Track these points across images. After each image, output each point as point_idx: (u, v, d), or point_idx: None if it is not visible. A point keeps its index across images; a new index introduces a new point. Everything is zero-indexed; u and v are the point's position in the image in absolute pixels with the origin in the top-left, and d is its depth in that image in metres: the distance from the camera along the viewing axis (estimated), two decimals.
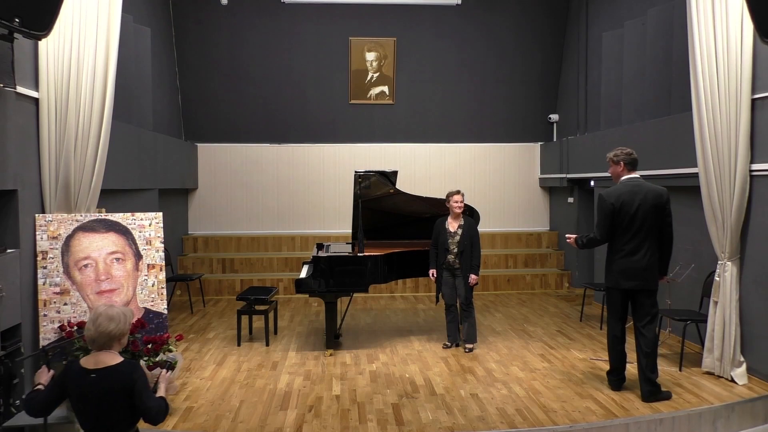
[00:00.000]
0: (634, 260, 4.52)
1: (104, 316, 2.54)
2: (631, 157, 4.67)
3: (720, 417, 4.39)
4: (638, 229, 4.50)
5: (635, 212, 4.48)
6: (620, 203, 4.50)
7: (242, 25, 9.34)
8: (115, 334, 2.55)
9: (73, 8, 4.59)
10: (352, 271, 5.75)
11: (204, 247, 9.64)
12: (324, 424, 4.19)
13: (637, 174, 4.67)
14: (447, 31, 9.69)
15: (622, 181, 4.64)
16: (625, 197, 4.51)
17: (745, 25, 4.72)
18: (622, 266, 4.57)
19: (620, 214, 4.51)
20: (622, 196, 4.52)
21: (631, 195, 4.52)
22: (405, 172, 9.12)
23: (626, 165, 4.66)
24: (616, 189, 4.60)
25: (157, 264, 4.92)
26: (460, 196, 5.89)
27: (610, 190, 4.63)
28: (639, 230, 4.50)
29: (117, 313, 2.56)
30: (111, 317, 2.54)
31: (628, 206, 4.49)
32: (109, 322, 2.53)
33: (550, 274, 9.48)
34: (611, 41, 8.02)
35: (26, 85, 4.39)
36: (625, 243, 4.54)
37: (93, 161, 4.82)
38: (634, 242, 4.51)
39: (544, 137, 10.28)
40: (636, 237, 4.51)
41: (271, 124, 9.83)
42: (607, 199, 4.55)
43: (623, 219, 4.51)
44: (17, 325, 4.26)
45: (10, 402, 4.17)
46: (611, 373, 4.86)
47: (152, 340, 4.46)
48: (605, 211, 4.56)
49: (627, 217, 4.50)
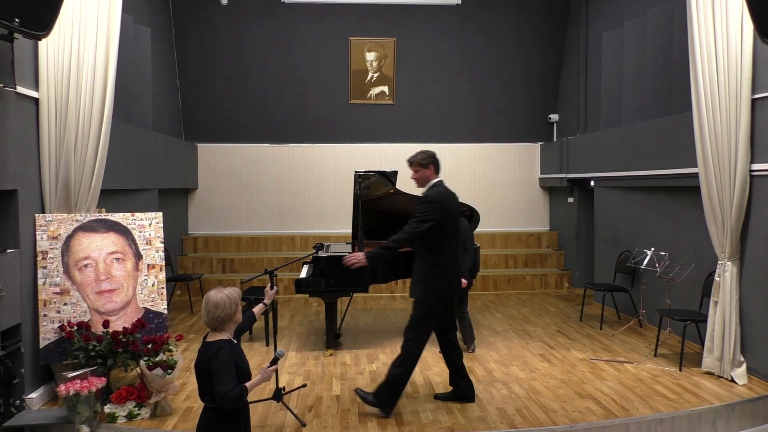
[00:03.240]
0: (457, 269, 4.42)
1: (212, 303, 2.78)
2: (436, 158, 4.41)
3: (720, 417, 4.39)
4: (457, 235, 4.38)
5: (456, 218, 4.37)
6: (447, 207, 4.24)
7: (242, 25, 9.34)
8: (224, 318, 2.79)
9: (73, 8, 4.59)
10: (352, 271, 5.74)
11: (204, 247, 9.64)
12: (324, 424, 4.19)
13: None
14: (447, 31, 9.69)
15: (437, 183, 4.36)
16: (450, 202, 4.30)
17: (745, 25, 4.72)
18: (453, 277, 4.35)
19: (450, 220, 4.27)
20: (447, 200, 4.28)
21: (453, 199, 4.36)
22: (405, 172, 9.08)
23: (436, 167, 4.39)
24: (441, 192, 4.31)
25: (157, 264, 4.92)
26: None
27: (436, 192, 4.31)
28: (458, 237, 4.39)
29: (222, 298, 2.78)
30: (217, 304, 2.77)
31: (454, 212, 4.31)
32: (216, 308, 2.77)
33: (550, 274, 9.48)
34: (611, 41, 8.02)
35: (26, 85, 4.39)
36: (453, 251, 4.33)
37: (93, 161, 4.82)
38: (457, 250, 4.37)
39: (544, 137, 10.28)
40: (457, 244, 4.38)
41: (271, 124, 9.83)
42: (443, 204, 4.24)
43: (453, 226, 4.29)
44: (17, 325, 4.27)
45: (10, 402, 4.18)
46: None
47: (152, 340, 4.47)
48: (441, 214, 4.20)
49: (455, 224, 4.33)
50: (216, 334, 2.82)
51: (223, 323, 2.80)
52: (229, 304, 2.80)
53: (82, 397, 3.95)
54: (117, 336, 4.46)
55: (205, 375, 2.75)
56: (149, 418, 4.24)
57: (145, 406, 4.28)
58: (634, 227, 7.27)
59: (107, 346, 4.41)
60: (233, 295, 2.84)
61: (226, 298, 2.79)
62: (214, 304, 2.77)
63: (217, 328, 2.82)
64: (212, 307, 2.77)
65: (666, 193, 6.60)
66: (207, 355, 2.76)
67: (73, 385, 3.97)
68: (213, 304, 2.77)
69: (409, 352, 4.33)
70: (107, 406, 4.25)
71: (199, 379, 2.81)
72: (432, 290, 4.29)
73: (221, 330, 2.82)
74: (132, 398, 4.27)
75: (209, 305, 2.78)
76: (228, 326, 2.83)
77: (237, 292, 2.89)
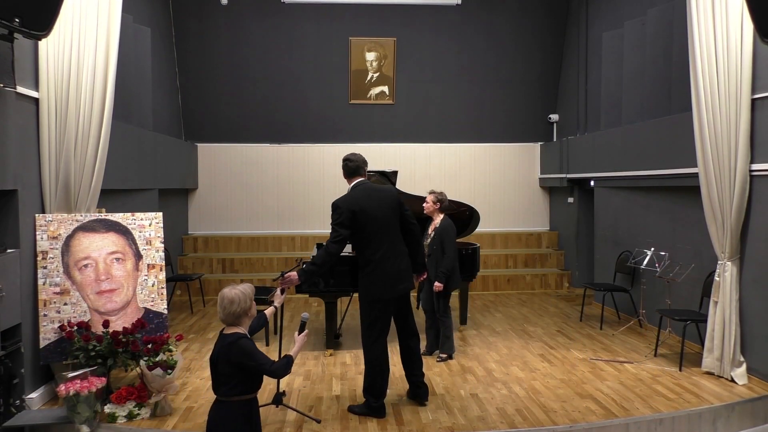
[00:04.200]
0: (393, 266, 4.34)
1: (227, 300, 2.84)
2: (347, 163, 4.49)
3: (720, 417, 4.39)
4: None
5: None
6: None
7: (242, 25, 9.34)
8: (239, 313, 2.86)
9: (73, 8, 4.59)
10: (352, 271, 5.74)
11: (204, 247, 9.64)
12: (324, 424, 4.19)
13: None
14: (447, 31, 9.69)
15: (355, 185, 4.42)
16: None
17: (745, 25, 4.72)
18: (383, 275, 4.30)
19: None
20: (359, 201, 4.31)
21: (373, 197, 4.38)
22: (405, 172, 9.12)
23: (347, 173, 4.49)
24: (353, 194, 4.37)
25: (157, 264, 4.92)
26: (431, 196, 5.65)
27: (345, 197, 4.39)
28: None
29: (236, 294, 2.85)
30: (232, 300, 2.84)
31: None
32: (231, 304, 2.84)
33: (550, 274, 9.48)
34: (611, 41, 8.02)
35: (26, 85, 4.39)
36: (381, 248, 4.32)
37: (93, 161, 4.82)
38: (388, 246, 4.34)
39: (544, 137, 10.28)
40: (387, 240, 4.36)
41: (271, 124, 9.83)
42: (352, 206, 4.27)
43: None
44: (17, 325, 4.26)
45: (10, 402, 4.18)
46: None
47: (152, 340, 4.47)
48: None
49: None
50: (232, 328, 2.89)
51: (239, 318, 2.87)
52: (244, 299, 2.86)
53: (82, 397, 3.95)
54: (117, 336, 4.46)
55: (223, 365, 2.81)
56: (149, 418, 4.24)
57: (145, 406, 4.28)
58: (634, 227, 7.27)
59: (107, 346, 4.41)
60: (247, 290, 2.91)
61: (240, 293, 2.86)
62: (230, 300, 2.84)
63: (233, 323, 2.88)
64: (227, 303, 2.84)
65: (666, 193, 6.60)
66: (225, 342, 2.83)
67: (73, 385, 3.97)
68: (228, 300, 2.84)
69: (367, 356, 4.31)
70: (107, 406, 4.25)
71: (214, 370, 2.87)
72: (363, 289, 4.29)
73: (237, 325, 2.89)
74: (132, 398, 4.27)
75: (224, 301, 2.85)
76: (244, 321, 2.91)
77: (251, 287, 2.96)
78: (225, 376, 2.82)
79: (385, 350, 4.32)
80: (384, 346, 4.30)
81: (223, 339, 2.87)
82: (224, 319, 2.89)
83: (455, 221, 6.20)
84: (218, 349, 2.86)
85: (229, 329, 2.89)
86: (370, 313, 4.28)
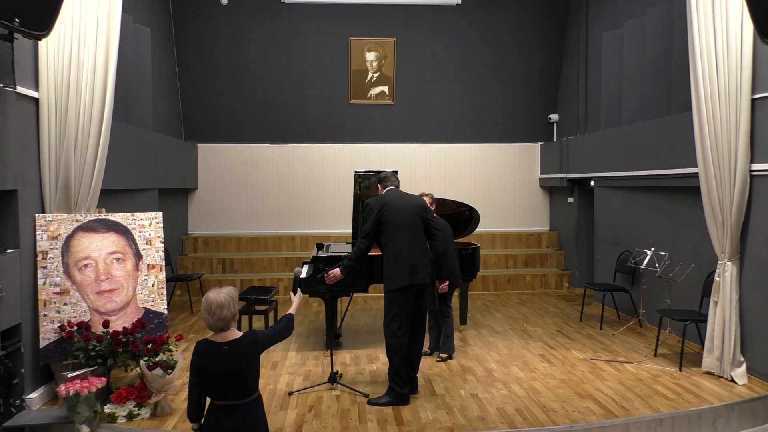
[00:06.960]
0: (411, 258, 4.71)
1: (215, 305, 2.75)
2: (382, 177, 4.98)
3: (720, 417, 4.39)
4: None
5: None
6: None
7: (242, 25, 9.34)
8: (230, 317, 2.80)
9: (73, 8, 4.59)
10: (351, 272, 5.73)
11: (204, 247, 9.64)
12: (324, 424, 4.19)
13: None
14: (447, 31, 9.69)
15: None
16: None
17: (745, 25, 4.72)
18: (404, 264, 4.67)
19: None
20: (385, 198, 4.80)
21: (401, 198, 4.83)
22: (405, 172, 9.10)
23: (383, 185, 4.93)
24: (384, 196, 4.81)
25: (157, 264, 4.92)
26: (427, 197, 5.51)
27: (377, 197, 4.85)
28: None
29: (224, 298, 2.77)
30: (221, 304, 2.76)
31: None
32: (221, 308, 2.76)
33: (550, 274, 9.48)
34: (611, 41, 8.02)
35: (26, 85, 4.39)
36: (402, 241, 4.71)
37: (93, 161, 4.82)
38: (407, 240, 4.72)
39: (544, 137, 10.28)
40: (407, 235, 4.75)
41: (271, 124, 9.83)
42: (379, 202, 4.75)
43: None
44: (17, 325, 4.26)
45: (10, 402, 4.18)
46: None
47: (152, 340, 4.47)
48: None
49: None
50: (225, 334, 2.81)
51: (228, 322, 2.80)
52: (232, 303, 2.81)
53: (82, 397, 3.95)
54: (117, 336, 4.46)
55: (254, 364, 2.81)
56: (149, 418, 4.24)
57: (145, 406, 4.28)
58: (634, 227, 7.27)
59: (107, 346, 4.41)
60: (233, 293, 2.85)
61: (228, 297, 2.79)
62: (219, 305, 2.75)
63: (224, 328, 2.80)
64: (217, 308, 2.74)
65: (666, 193, 6.60)
66: (246, 344, 2.79)
67: (73, 385, 3.97)
68: (217, 305, 2.75)
69: (390, 346, 4.57)
70: (107, 406, 4.25)
71: (240, 377, 2.77)
72: (386, 279, 4.61)
73: (228, 329, 2.81)
74: (132, 398, 4.27)
75: (213, 307, 2.74)
76: (233, 324, 2.84)
77: (235, 290, 2.91)
78: (255, 371, 2.84)
79: (407, 339, 4.56)
80: (406, 335, 4.55)
81: (239, 345, 2.77)
82: (213, 325, 2.77)
83: (455, 221, 6.22)
84: (240, 356, 2.76)
85: (227, 335, 2.80)
86: (393, 303, 4.55)
